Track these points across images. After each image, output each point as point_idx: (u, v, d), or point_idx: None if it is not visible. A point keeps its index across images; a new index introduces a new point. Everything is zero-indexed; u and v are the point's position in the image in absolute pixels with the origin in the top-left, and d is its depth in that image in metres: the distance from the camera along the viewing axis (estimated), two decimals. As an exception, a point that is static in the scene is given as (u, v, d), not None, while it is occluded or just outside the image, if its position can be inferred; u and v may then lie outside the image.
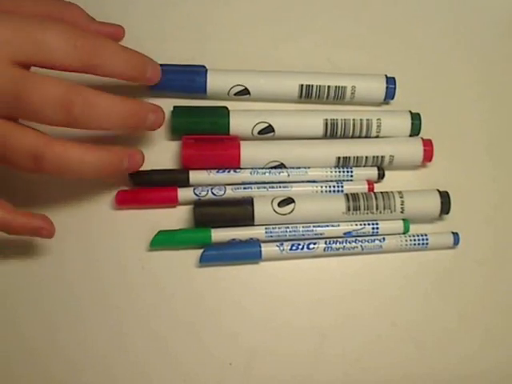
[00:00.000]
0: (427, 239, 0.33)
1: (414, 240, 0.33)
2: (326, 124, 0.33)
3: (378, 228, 0.33)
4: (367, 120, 0.33)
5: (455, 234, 0.33)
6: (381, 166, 0.34)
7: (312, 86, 0.33)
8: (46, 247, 0.32)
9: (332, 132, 0.33)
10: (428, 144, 0.33)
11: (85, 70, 0.27)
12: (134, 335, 0.32)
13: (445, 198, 0.33)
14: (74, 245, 0.32)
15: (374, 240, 0.32)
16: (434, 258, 0.33)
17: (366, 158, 0.33)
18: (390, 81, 0.34)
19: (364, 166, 0.33)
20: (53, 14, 0.29)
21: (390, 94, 0.34)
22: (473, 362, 0.33)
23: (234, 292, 0.33)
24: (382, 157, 0.33)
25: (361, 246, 0.32)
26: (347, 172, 0.33)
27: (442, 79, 0.36)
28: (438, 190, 0.33)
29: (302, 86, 0.33)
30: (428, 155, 0.33)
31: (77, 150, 0.27)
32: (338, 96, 0.34)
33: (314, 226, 0.32)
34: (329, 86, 0.33)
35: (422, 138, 0.33)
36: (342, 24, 0.36)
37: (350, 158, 0.33)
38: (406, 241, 0.33)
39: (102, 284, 0.32)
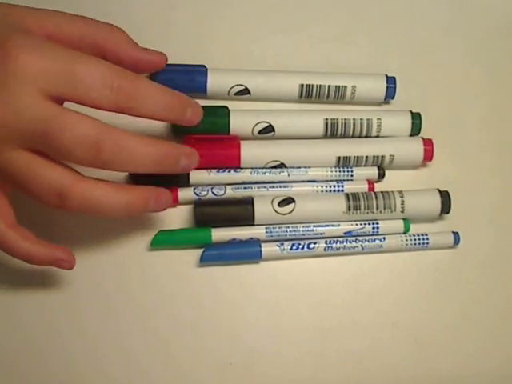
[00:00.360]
0: (428, 239, 0.33)
1: (415, 240, 0.33)
2: (327, 124, 0.33)
3: (378, 228, 0.32)
4: (367, 120, 0.33)
5: (455, 234, 0.33)
6: (381, 166, 0.33)
7: (312, 85, 0.33)
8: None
9: (332, 132, 0.33)
10: (428, 143, 0.33)
11: (119, 111, 0.26)
12: (133, 335, 0.32)
13: (445, 197, 0.32)
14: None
15: (375, 240, 0.32)
16: (434, 258, 0.33)
17: (367, 157, 0.33)
18: (391, 80, 0.34)
19: (364, 166, 0.33)
20: (95, 38, 0.29)
21: (390, 94, 0.34)
22: (474, 362, 0.33)
23: (234, 292, 0.33)
24: (383, 156, 0.33)
25: (361, 245, 0.32)
26: (347, 172, 0.33)
27: (442, 78, 0.36)
28: (439, 190, 0.33)
29: (302, 85, 0.33)
30: (428, 155, 0.33)
31: (102, 190, 0.26)
32: (339, 95, 0.34)
33: (314, 226, 0.32)
34: (329, 86, 0.33)
35: (422, 138, 0.33)
36: (342, 23, 0.36)
37: (350, 157, 0.33)
38: (407, 240, 0.33)
39: (101, 283, 0.32)
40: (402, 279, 0.33)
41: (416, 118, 0.33)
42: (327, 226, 0.32)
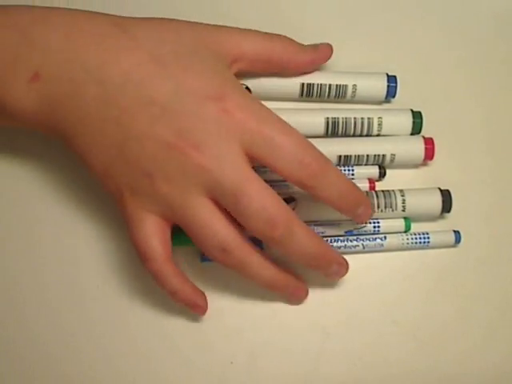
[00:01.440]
0: (429, 237, 0.33)
1: (416, 238, 0.33)
2: (327, 122, 0.33)
3: (379, 226, 0.32)
4: (368, 118, 0.33)
5: (457, 233, 0.33)
6: (382, 165, 0.34)
7: (313, 84, 0.33)
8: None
9: (333, 130, 0.33)
10: (429, 142, 0.33)
11: (299, 185, 0.28)
12: (134, 332, 0.32)
13: (446, 196, 0.32)
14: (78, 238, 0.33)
15: (376, 239, 0.32)
16: (435, 257, 0.33)
17: (367, 156, 0.33)
18: (391, 79, 0.34)
19: (365, 165, 0.33)
20: (272, 53, 0.31)
21: (391, 93, 0.34)
22: (474, 360, 0.33)
23: (236, 290, 0.33)
24: (384, 155, 0.33)
25: (362, 244, 0.32)
26: (348, 170, 0.33)
27: (443, 77, 0.36)
28: (440, 189, 0.33)
29: (302, 84, 0.33)
30: (429, 153, 0.33)
31: (257, 260, 0.29)
32: (339, 94, 0.34)
33: (315, 225, 0.32)
34: (330, 85, 0.33)
35: (423, 137, 0.33)
36: (342, 21, 0.36)
37: (351, 156, 0.33)
38: (408, 239, 0.32)
39: (101, 278, 0.33)
40: (402, 278, 0.33)
41: (417, 116, 0.33)
42: (328, 225, 0.32)
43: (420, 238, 0.33)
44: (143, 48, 0.27)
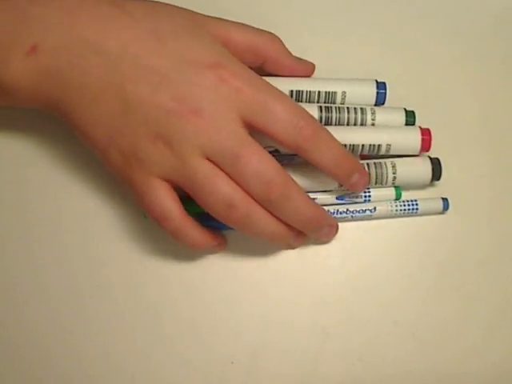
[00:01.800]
0: (417, 204, 0.33)
1: (404, 205, 0.33)
2: (321, 111, 0.32)
3: (370, 196, 0.33)
4: (362, 109, 0.33)
5: (445, 200, 0.33)
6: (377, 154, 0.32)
7: (302, 91, 0.33)
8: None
9: (327, 120, 0.32)
10: (426, 133, 0.32)
11: (295, 149, 0.28)
12: (135, 333, 0.32)
13: (436, 164, 0.32)
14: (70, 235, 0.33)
15: (365, 210, 0.32)
16: (435, 253, 0.34)
17: (363, 146, 0.32)
18: (381, 86, 0.34)
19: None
20: (258, 45, 0.31)
21: (380, 99, 0.34)
22: (473, 359, 0.33)
23: (236, 290, 0.33)
24: (379, 145, 0.32)
25: (351, 213, 0.32)
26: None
27: (442, 75, 0.36)
28: (429, 157, 0.33)
29: (291, 91, 0.33)
30: (426, 145, 0.32)
31: (263, 215, 0.29)
32: (329, 101, 0.33)
33: (307, 192, 0.31)
34: (319, 92, 0.33)
35: (420, 127, 0.32)
36: (338, 21, 0.37)
37: (345, 146, 0.31)
38: (396, 206, 0.33)
39: (101, 281, 0.33)
40: (402, 278, 0.33)
41: (410, 115, 0.33)
42: (320, 191, 0.32)
43: (408, 205, 0.33)
44: (142, 25, 0.28)
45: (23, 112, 0.32)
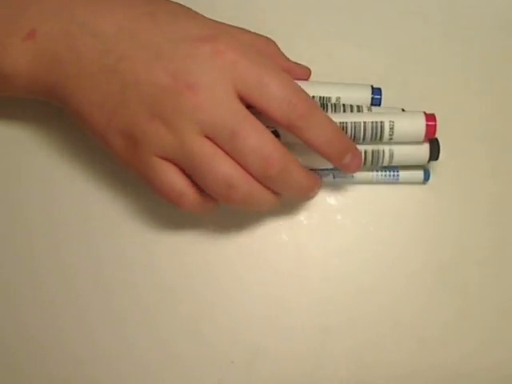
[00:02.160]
0: (398, 171, 0.33)
1: (386, 171, 0.33)
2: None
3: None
4: (358, 107, 0.32)
5: (426, 171, 0.33)
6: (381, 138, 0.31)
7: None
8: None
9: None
10: (431, 119, 0.31)
11: (287, 126, 0.28)
12: (135, 333, 0.32)
13: (434, 144, 0.32)
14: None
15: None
16: (435, 249, 0.33)
17: (365, 125, 0.31)
18: (376, 91, 0.33)
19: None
20: (256, 47, 0.31)
21: (375, 105, 0.33)
22: (476, 360, 0.32)
23: (236, 290, 0.33)
24: (382, 124, 0.31)
25: (333, 174, 0.33)
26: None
27: (436, 77, 0.36)
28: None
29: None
30: (431, 130, 0.31)
31: (261, 190, 0.29)
32: (323, 107, 0.33)
33: None
34: (313, 97, 0.33)
35: (424, 112, 0.31)
36: (342, 20, 0.38)
37: (347, 125, 0.31)
38: (378, 172, 0.33)
39: (102, 279, 0.33)
40: (403, 278, 0.33)
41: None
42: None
43: (389, 171, 0.33)
44: (136, 6, 0.29)
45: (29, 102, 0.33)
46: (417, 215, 0.34)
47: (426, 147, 0.32)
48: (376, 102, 0.33)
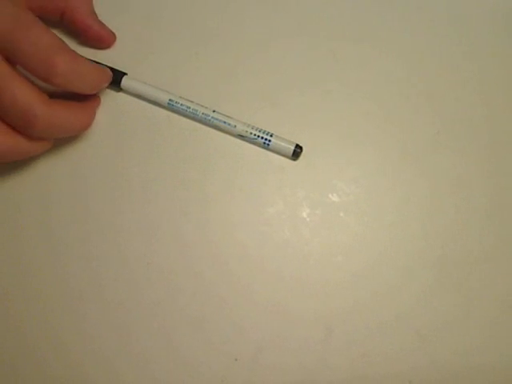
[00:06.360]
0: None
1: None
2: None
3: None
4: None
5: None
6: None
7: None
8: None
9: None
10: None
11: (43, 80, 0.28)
12: (138, 330, 0.32)
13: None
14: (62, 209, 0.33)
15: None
16: (437, 245, 0.33)
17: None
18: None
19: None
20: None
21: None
22: (479, 355, 0.32)
23: (239, 287, 0.33)
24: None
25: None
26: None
27: (436, 78, 0.37)
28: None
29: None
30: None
31: (64, 110, 0.29)
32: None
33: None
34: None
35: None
36: (344, 18, 0.38)
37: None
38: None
39: (103, 277, 0.33)
40: (403, 274, 0.33)
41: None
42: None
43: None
44: None
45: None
46: (419, 211, 0.34)
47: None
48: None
